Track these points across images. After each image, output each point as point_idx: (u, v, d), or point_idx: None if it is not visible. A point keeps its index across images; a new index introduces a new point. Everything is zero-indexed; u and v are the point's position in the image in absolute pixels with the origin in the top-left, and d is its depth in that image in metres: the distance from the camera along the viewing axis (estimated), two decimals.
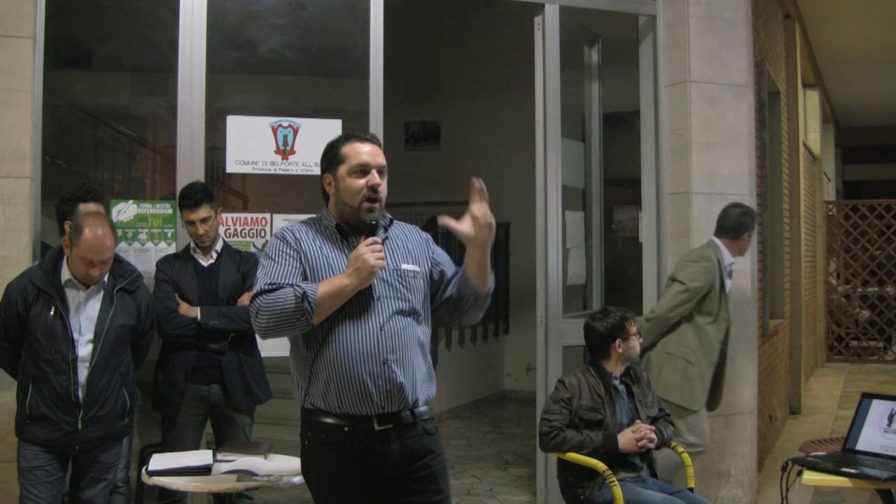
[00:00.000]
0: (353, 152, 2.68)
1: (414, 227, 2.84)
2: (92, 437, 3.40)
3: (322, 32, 5.51)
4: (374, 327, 2.60)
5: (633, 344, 3.88)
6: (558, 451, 3.74)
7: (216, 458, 3.37)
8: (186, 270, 3.97)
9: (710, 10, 5.02)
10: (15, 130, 3.92)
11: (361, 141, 2.71)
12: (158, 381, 3.97)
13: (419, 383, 2.64)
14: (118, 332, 3.45)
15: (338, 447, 2.60)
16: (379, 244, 2.59)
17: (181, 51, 4.25)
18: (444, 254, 2.82)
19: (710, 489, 4.88)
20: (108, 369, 3.41)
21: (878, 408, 3.58)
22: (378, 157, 2.70)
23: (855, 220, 11.74)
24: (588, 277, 5.44)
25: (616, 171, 5.89)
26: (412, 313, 2.65)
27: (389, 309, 2.62)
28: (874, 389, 7.42)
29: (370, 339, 2.59)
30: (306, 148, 4.43)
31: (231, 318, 3.90)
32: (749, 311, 5.04)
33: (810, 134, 10.34)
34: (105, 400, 3.41)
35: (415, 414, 2.64)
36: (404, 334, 2.62)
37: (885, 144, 15.06)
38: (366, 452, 2.60)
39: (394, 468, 2.62)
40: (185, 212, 3.94)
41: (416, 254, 2.73)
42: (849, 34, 9.25)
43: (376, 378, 2.57)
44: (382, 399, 2.58)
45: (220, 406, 3.97)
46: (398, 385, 2.58)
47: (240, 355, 3.97)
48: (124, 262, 3.62)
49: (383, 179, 2.69)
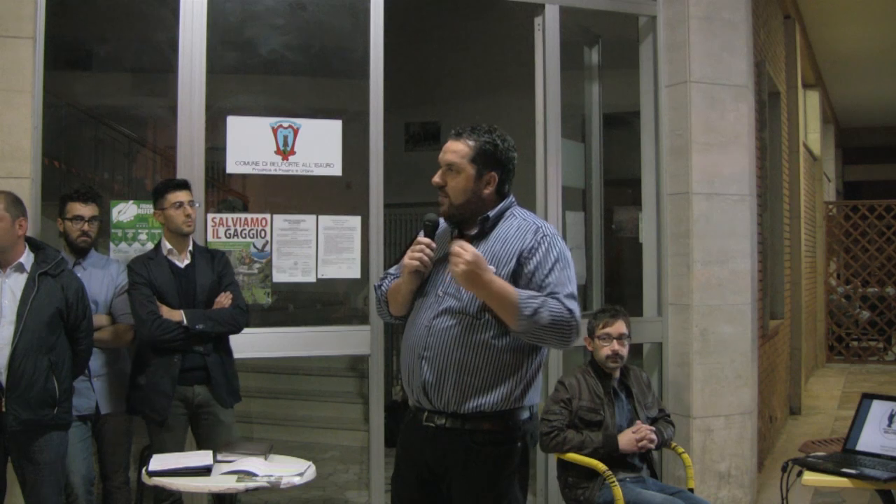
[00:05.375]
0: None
1: (533, 228, 2.66)
2: (19, 420, 3.34)
3: (322, 32, 5.50)
4: (423, 322, 2.64)
5: (598, 345, 3.87)
6: (558, 451, 3.74)
7: (216, 459, 3.37)
8: (163, 272, 3.86)
9: (710, 10, 5.02)
10: (15, 130, 3.91)
11: (450, 138, 2.69)
12: (139, 384, 3.84)
13: (462, 388, 2.56)
14: (43, 316, 3.41)
15: (405, 431, 2.74)
16: (423, 243, 2.62)
17: (181, 51, 4.24)
18: (552, 270, 2.59)
19: (710, 489, 4.88)
20: (31, 352, 3.36)
21: (878, 408, 3.58)
22: (445, 154, 2.66)
23: (855, 221, 11.74)
24: (588, 277, 5.43)
25: (616, 171, 5.88)
26: (464, 315, 2.58)
27: (442, 306, 2.61)
28: (874, 390, 7.42)
29: (418, 331, 2.64)
30: (306, 148, 4.43)
31: (216, 320, 3.85)
32: (749, 311, 5.04)
33: (810, 134, 10.34)
34: (30, 384, 3.35)
35: (458, 418, 2.57)
36: (447, 334, 2.58)
37: (885, 145, 15.07)
38: (413, 444, 2.68)
39: (436, 469, 2.64)
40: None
41: (500, 256, 2.61)
42: (849, 34, 9.25)
43: (412, 371, 2.64)
44: (418, 394, 2.63)
45: (206, 406, 3.89)
46: (423, 383, 2.59)
47: (222, 355, 3.93)
48: (47, 248, 3.59)
49: (452, 177, 2.63)
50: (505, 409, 2.58)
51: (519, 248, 2.61)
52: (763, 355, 5.90)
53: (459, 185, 2.62)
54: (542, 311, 2.48)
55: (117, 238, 4.23)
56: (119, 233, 4.23)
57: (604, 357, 3.85)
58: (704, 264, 4.94)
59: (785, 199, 7.63)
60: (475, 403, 2.56)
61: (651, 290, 5.15)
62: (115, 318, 3.91)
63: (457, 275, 2.48)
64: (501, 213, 2.68)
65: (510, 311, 2.49)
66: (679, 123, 5.02)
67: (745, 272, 5.01)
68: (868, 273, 11.67)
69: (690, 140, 4.97)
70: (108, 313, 3.91)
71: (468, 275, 2.46)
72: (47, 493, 3.46)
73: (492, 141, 2.64)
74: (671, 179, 5.07)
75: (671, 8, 5.09)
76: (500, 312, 2.52)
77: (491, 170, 2.64)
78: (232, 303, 3.91)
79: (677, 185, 5.03)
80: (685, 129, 4.99)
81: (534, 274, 2.57)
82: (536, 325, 2.49)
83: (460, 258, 2.46)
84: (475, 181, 2.63)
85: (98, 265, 3.96)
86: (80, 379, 3.72)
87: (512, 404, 2.59)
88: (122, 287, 3.92)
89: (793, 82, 8.13)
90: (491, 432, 2.59)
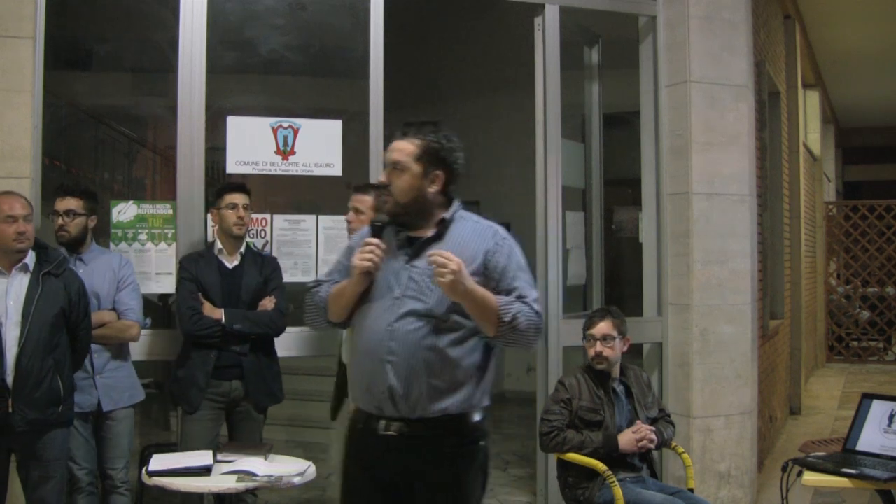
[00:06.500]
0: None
1: (490, 232, 2.64)
2: (26, 420, 3.34)
3: (322, 32, 5.51)
4: (383, 326, 2.56)
5: (586, 346, 3.87)
6: (558, 451, 3.74)
7: (216, 459, 3.37)
8: (211, 271, 3.97)
9: (710, 10, 5.02)
10: (15, 130, 3.91)
11: (395, 137, 2.67)
12: (179, 377, 3.97)
13: (430, 391, 2.52)
14: (48, 316, 3.42)
15: (356, 440, 2.65)
16: (373, 245, 2.57)
17: (181, 51, 4.24)
18: (517, 275, 2.58)
19: (710, 489, 4.88)
20: (38, 352, 3.37)
21: (878, 408, 3.58)
22: (391, 153, 2.63)
23: (855, 221, 11.75)
24: (588, 278, 5.43)
25: (616, 171, 5.88)
26: (430, 317, 2.53)
27: (404, 308, 2.55)
28: (874, 390, 7.42)
29: (378, 335, 2.56)
30: (306, 148, 4.43)
31: (254, 322, 3.93)
32: (749, 311, 5.04)
33: (810, 134, 10.34)
34: (37, 383, 3.36)
35: (420, 423, 2.53)
36: (413, 336, 2.53)
37: (885, 145, 15.07)
38: (370, 452, 2.61)
39: (398, 477, 2.58)
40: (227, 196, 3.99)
41: (462, 259, 2.50)
42: (849, 34, 9.25)
43: (373, 377, 2.55)
44: (381, 400, 2.55)
45: (240, 402, 3.99)
46: (388, 388, 2.52)
47: (259, 356, 4.00)
48: (49, 248, 3.60)
49: (397, 175, 2.60)
50: (467, 410, 2.58)
51: (483, 249, 2.58)
52: (763, 355, 5.90)
53: (405, 184, 2.59)
54: (519, 318, 2.50)
55: (117, 238, 4.23)
56: (119, 233, 4.23)
57: (589, 358, 3.87)
58: (704, 264, 4.94)
59: (785, 199, 7.63)
60: (442, 406, 2.53)
61: (651, 290, 5.15)
62: (119, 314, 3.90)
63: (443, 284, 2.45)
64: (453, 216, 2.65)
65: (490, 317, 2.50)
66: (679, 123, 5.02)
67: (745, 272, 5.01)
68: (868, 273, 11.67)
69: (690, 140, 4.97)
70: (112, 308, 3.89)
71: (455, 285, 2.43)
72: (51, 491, 3.46)
73: (437, 140, 2.63)
74: (671, 179, 5.07)
75: (671, 8, 5.09)
76: (480, 318, 2.51)
77: (437, 168, 2.62)
78: (274, 307, 3.99)
79: (677, 185, 5.03)
80: (685, 129, 4.99)
81: (500, 279, 2.56)
82: (514, 331, 2.51)
83: (446, 268, 2.42)
84: (420, 179, 2.60)
85: (99, 258, 3.95)
86: (83, 376, 3.74)
87: (473, 405, 2.60)
88: (125, 281, 3.92)
89: (793, 82, 8.13)
90: (455, 434, 2.57)
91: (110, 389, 3.86)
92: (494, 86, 9.22)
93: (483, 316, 2.50)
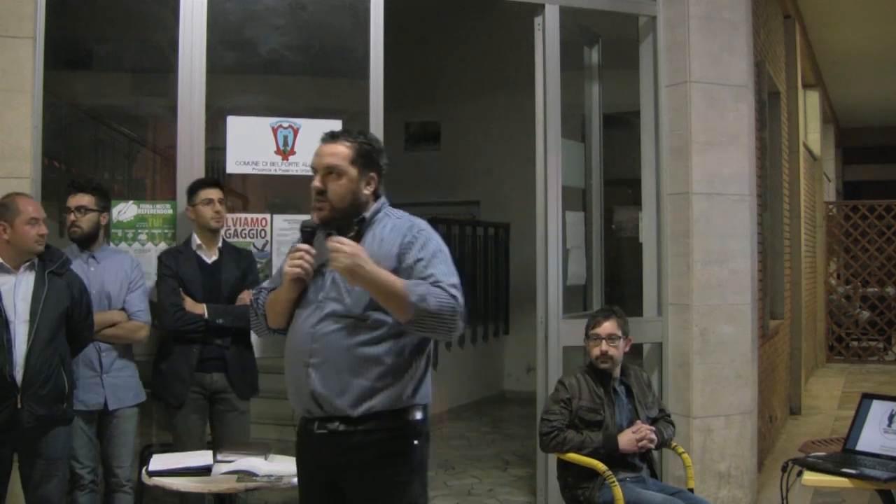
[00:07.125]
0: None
1: (407, 226, 2.62)
2: (34, 416, 3.37)
3: (322, 32, 5.50)
4: (305, 330, 2.57)
5: (589, 345, 3.87)
6: (558, 451, 3.74)
7: (216, 459, 3.37)
8: (191, 266, 4.03)
9: (710, 10, 5.02)
10: (15, 130, 3.92)
11: (322, 142, 2.67)
12: (162, 371, 4.02)
13: (353, 392, 2.50)
14: (54, 314, 3.47)
15: (298, 443, 2.69)
16: (303, 250, 2.57)
17: (181, 51, 4.25)
18: (432, 262, 2.53)
19: (710, 489, 4.88)
20: (45, 350, 3.42)
21: (878, 408, 3.58)
22: (324, 158, 2.62)
23: (855, 221, 11.75)
24: (588, 278, 5.44)
25: (616, 171, 5.88)
26: (349, 318, 2.52)
27: (324, 311, 2.55)
28: (874, 390, 7.41)
29: (301, 339, 2.57)
30: (306, 148, 4.42)
31: (235, 316, 3.99)
32: (749, 311, 5.04)
33: (810, 134, 10.34)
34: (45, 380, 3.41)
35: (351, 421, 2.52)
36: (332, 338, 2.52)
37: (885, 145, 15.07)
38: (308, 454, 2.65)
39: (334, 476, 2.59)
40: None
41: (379, 256, 2.52)
42: (849, 34, 9.25)
43: (298, 381, 2.57)
44: (307, 403, 2.56)
45: (223, 392, 4.05)
46: (311, 392, 2.53)
47: (240, 349, 4.09)
48: (52, 247, 3.63)
49: (333, 180, 2.58)
50: (398, 407, 2.55)
51: (398, 244, 2.56)
52: (763, 355, 5.90)
53: (342, 189, 2.58)
54: (428, 298, 2.42)
55: (117, 238, 4.24)
56: (119, 233, 4.24)
57: (593, 357, 3.87)
58: (704, 264, 4.94)
59: (785, 199, 7.62)
60: (369, 405, 2.51)
61: (651, 290, 5.15)
62: (129, 315, 3.94)
63: (340, 269, 2.43)
64: (375, 214, 2.64)
65: (397, 299, 2.43)
66: (679, 123, 5.02)
67: (745, 272, 5.01)
68: (868, 273, 11.66)
69: (690, 140, 4.97)
70: (122, 309, 3.93)
71: (351, 268, 2.41)
72: (53, 490, 3.48)
73: (367, 142, 2.65)
74: (671, 179, 5.07)
75: (671, 8, 5.08)
76: (387, 303, 2.46)
77: (371, 171, 2.63)
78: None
79: (677, 185, 5.03)
80: (685, 129, 4.99)
81: (413, 268, 2.51)
82: (424, 313, 2.42)
83: (340, 252, 2.41)
84: (357, 183, 2.60)
85: (112, 258, 4.00)
86: (90, 374, 3.81)
87: (404, 403, 2.57)
88: (135, 283, 3.97)
89: (793, 82, 8.13)
90: (386, 430, 2.54)
91: (117, 388, 3.90)
92: (494, 86, 9.22)
93: (389, 299, 2.44)
